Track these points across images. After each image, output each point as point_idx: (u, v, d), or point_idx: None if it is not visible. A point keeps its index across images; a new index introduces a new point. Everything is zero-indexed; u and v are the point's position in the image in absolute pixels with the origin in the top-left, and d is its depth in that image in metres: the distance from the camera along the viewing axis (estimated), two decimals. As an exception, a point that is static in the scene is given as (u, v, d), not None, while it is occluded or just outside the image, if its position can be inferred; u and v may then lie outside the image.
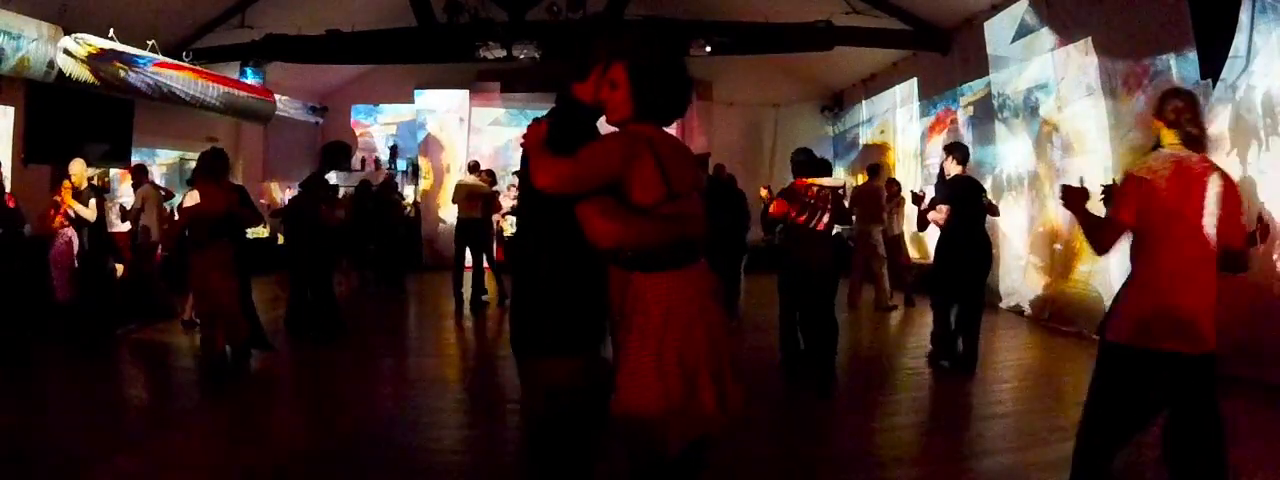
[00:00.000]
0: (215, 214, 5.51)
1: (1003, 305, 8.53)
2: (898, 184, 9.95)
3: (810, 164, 5.51)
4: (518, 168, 11.92)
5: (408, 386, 5.65)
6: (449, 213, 11.93)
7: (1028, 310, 8.14)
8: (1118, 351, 2.78)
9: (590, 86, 2.26)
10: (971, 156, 6.32)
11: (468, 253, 9.08)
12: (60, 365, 6.00)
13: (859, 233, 9.16)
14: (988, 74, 8.93)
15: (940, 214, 5.72)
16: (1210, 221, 2.74)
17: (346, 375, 5.93)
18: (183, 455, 3.89)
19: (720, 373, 2.23)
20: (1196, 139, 2.86)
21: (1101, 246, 2.87)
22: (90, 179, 7.49)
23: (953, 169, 5.83)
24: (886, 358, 6.54)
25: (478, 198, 9.06)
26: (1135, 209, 2.75)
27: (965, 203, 5.67)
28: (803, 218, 5.27)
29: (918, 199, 6.18)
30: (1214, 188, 2.75)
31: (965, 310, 5.71)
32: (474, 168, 9.59)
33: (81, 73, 8.13)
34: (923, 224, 6.20)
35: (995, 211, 6.26)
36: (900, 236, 9.65)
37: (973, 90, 9.37)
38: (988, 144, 9.06)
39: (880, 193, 9.33)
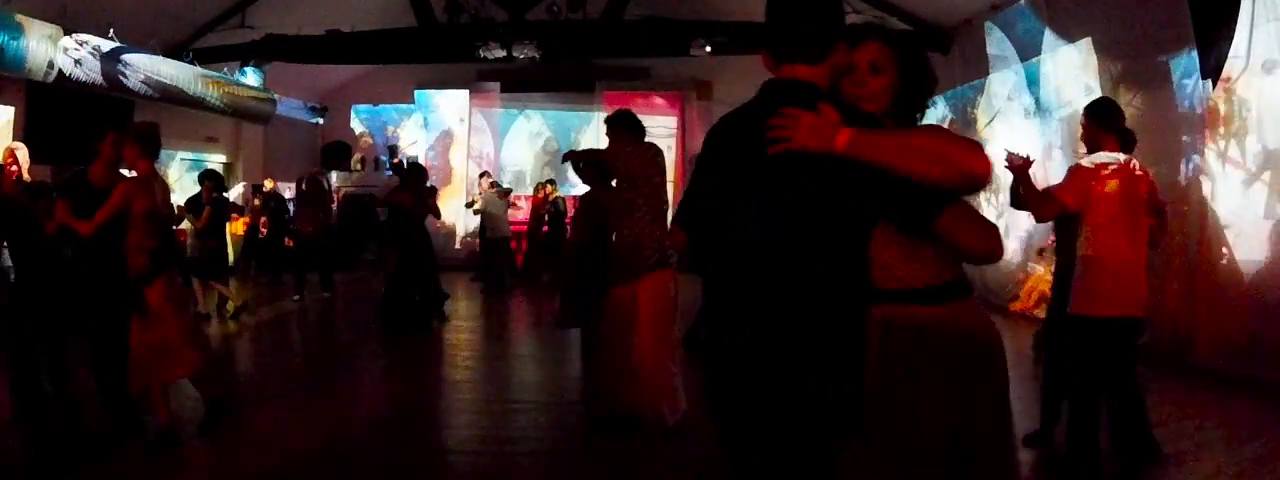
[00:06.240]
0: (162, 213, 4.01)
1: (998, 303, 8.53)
2: None
3: None
4: (516, 169, 11.48)
5: (409, 387, 5.65)
6: (448, 213, 11.77)
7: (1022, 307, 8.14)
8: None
9: (826, 69, 1.84)
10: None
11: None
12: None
13: None
14: (988, 74, 8.92)
15: None
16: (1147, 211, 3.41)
17: (345, 375, 5.92)
18: (179, 456, 3.87)
19: None
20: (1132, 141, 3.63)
21: (1041, 216, 3.53)
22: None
23: None
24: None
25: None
26: (1080, 196, 3.29)
27: None
28: None
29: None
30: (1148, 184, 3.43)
31: None
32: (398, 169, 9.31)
33: (81, 73, 8.12)
34: None
35: None
36: None
37: (973, 90, 9.37)
38: (987, 144, 9.04)
39: None
